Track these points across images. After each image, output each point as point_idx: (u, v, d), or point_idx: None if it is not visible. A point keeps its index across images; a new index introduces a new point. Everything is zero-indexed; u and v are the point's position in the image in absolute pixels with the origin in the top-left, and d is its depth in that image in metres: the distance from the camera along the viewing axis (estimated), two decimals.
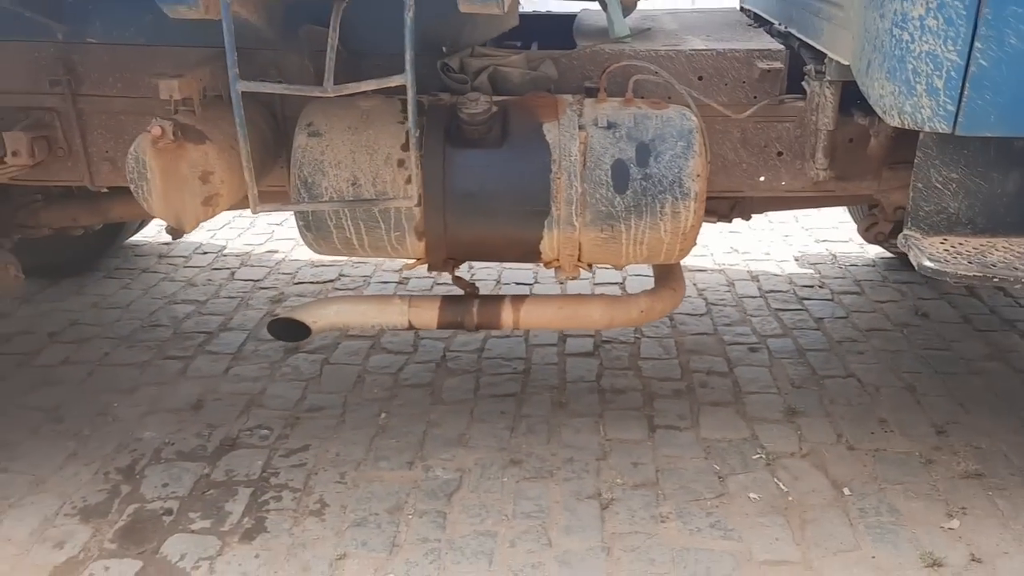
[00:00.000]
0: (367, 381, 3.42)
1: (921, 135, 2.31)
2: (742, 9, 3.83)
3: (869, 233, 3.38)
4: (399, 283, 4.37)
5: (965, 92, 2.14)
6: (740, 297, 4.16)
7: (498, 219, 2.48)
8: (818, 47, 2.66)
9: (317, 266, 4.58)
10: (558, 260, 2.54)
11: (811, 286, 4.29)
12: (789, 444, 2.98)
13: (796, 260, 4.65)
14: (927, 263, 2.25)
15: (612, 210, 2.42)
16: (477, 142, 2.42)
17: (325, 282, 4.39)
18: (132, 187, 2.40)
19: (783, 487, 2.76)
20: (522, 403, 3.26)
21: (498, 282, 4.35)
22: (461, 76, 2.60)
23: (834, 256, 4.69)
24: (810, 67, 2.68)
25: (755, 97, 2.71)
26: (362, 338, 3.75)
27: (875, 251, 4.65)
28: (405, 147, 2.41)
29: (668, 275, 2.86)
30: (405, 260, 2.66)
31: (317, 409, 3.23)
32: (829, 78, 2.57)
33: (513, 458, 2.93)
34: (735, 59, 2.70)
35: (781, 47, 2.74)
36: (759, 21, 3.40)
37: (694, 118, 2.48)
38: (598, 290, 4.18)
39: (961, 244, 2.33)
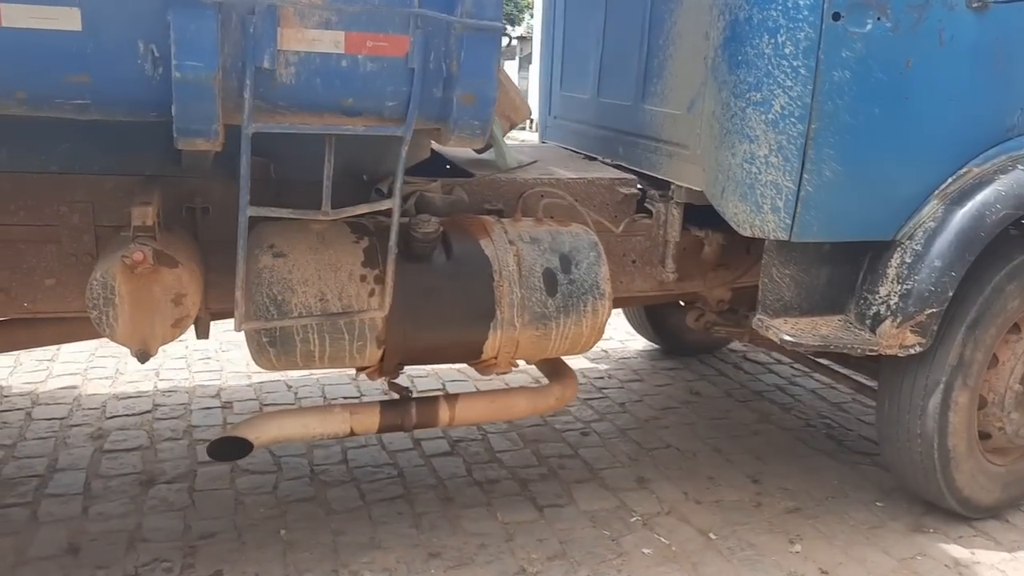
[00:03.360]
0: (248, 503, 3.37)
1: (767, 242, 3.06)
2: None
3: (698, 323, 3.97)
4: (224, 406, 4.29)
5: (798, 210, 2.92)
6: None
7: (449, 325, 2.79)
8: (659, 176, 3.34)
9: (124, 398, 4.33)
10: (495, 358, 2.87)
11: (602, 377, 4.95)
12: (652, 505, 3.50)
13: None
14: (787, 338, 2.97)
15: (546, 311, 2.84)
16: (427, 257, 2.72)
17: (142, 413, 4.17)
18: (94, 313, 2.38)
19: (664, 540, 3.25)
20: (412, 503, 3.43)
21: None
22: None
23: (606, 352, 5.42)
24: (654, 192, 3.35)
25: (616, 217, 3.31)
26: (219, 463, 3.66)
27: (637, 346, 5.47)
28: (365, 264, 2.64)
29: (561, 367, 3.30)
30: (347, 370, 2.81)
31: (210, 535, 3.13)
32: (676, 200, 3.26)
33: (430, 552, 3.10)
34: (602, 186, 3.32)
35: (634, 177, 3.39)
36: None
37: (593, 233, 3.00)
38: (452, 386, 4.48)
39: (796, 323, 3.09)
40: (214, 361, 4.88)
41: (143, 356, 2.47)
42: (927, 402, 3.20)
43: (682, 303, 4.24)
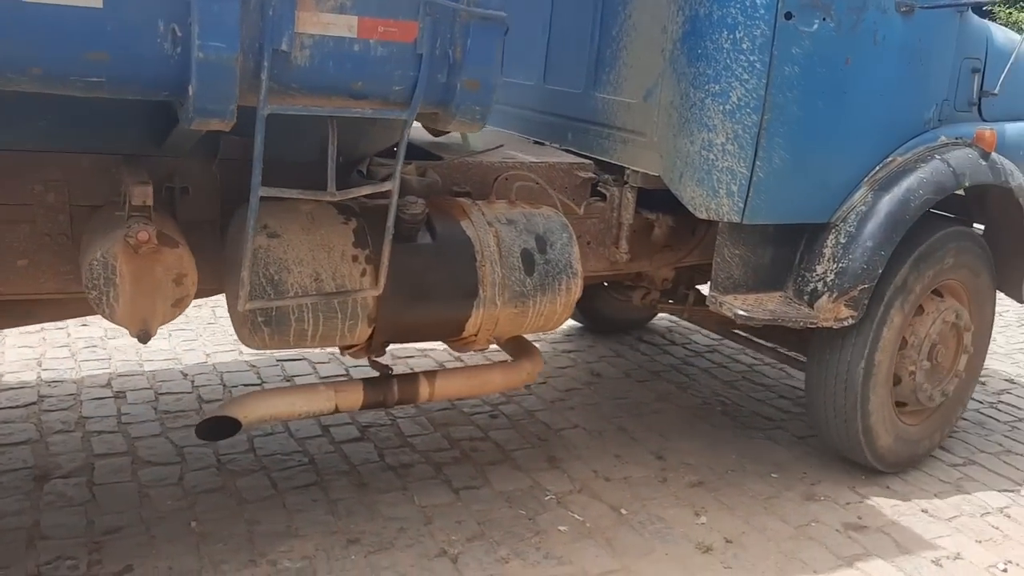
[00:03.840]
0: (153, 495, 3.25)
1: (720, 224, 3.27)
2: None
3: (645, 300, 4.16)
4: (116, 395, 4.10)
5: (750, 194, 3.16)
6: None
7: (436, 303, 2.90)
8: (612, 161, 3.49)
9: (6, 390, 4.07)
10: (475, 335, 3.01)
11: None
12: (565, 484, 3.58)
13: None
14: (741, 312, 3.28)
15: (524, 290, 2.99)
16: (413, 238, 2.80)
17: (27, 405, 3.94)
18: (93, 294, 2.36)
19: (579, 517, 3.34)
20: (327, 489, 3.39)
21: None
22: (371, 181, 2.88)
23: None
24: (607, 177, 3.50)
25: (575, 200, 3.43)
26: (120, 455, 3.51)
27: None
28: (356, 244, 2.70)
29: (524, 344, 3.45)
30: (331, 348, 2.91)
31: (116, 530, 3.00)
32: (631, 184, 3.42)
33: (350, 538, 3.08)
34: (562, 170, 3.45)
35: (591, 162, 3.53)
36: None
37: (563, 215, 3.15)
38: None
39: (745, 299, 3.35)
40: (101, 349, 4.65)
41: (144, 337, 2.43)
42: (852, 370, 3.52)
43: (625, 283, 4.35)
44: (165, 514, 3.13)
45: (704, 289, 3.90)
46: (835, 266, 3.35)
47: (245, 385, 4.29)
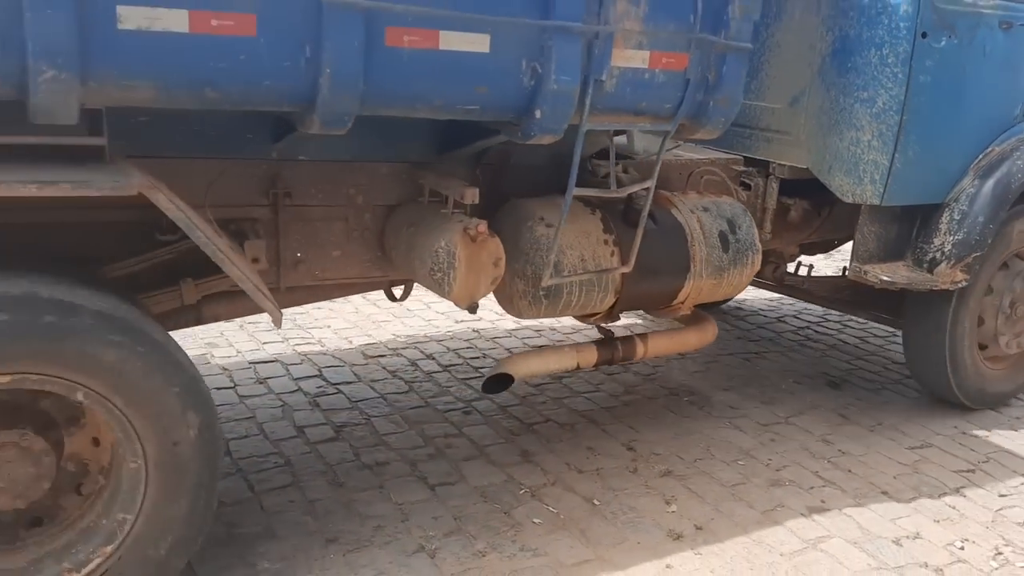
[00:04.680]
0: None
1: (863, 207, 4.06)
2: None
3: (776, 274, 4.87)
4: None
5: (888, 181, 3.92)
6: (429, 373, 4.76)
7: (661, 277, 3.67)
8: (755, 157, 4.24)
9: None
10: (683, 303, 3.80)
11: (477, 357, 5.07)
12: (538, 477, 3.66)
13: (451, 339, 5.42)
14: (885, 278, 4.06)
15: (722, 264, 3.76)
16: (638, 225, 3.40)
17: None
18: (436, 276, 3.04)
19: (553, 509, 3.42)
20: (303, 490, 3.44)
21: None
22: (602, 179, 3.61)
23: (477, 332, 5.55)
24: (751, 169, 4.23)
25: (729, 191, 4.13)
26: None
27: (508, 324, 5.63)
28: (604, 230, 3.48)
29: (698, 313, 4.15)
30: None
31: None
32: (777, 176, 4.19)
33: (327, 537, 3.13)
34: (721, 165, 4.24)
35: (740, 157, 4.30)
36: None
37: (740, 203, 3.99)
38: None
39: (880, 268, 4.13)
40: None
41: (473, 309, 3.31)
42: (944, 323, 4.32)
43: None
44: None
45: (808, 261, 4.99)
46: (951, 238, 4.09)
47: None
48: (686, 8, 2.95)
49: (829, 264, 6.83)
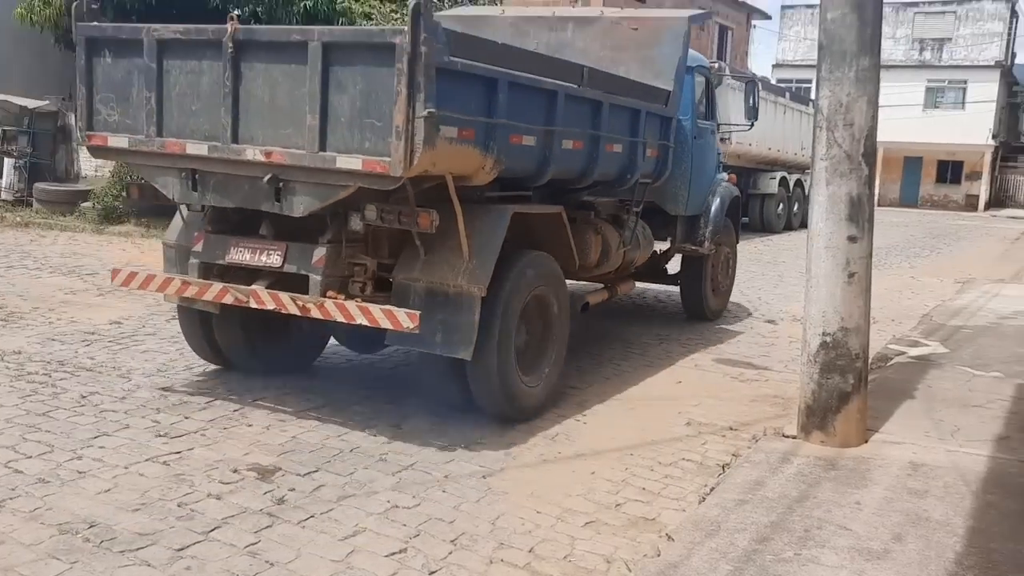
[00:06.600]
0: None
1: (679, 216, 9.06)
2: None
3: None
4: None
5: (687, 202, 8.90)
6: None
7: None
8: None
9: None
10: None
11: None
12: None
13: None
14: (690, 247, 9.21)
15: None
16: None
17: None
18: None
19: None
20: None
21: None
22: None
23: None
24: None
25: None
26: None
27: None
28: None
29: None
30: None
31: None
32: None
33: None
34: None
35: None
36: None
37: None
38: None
39: (685, 247, 9.08)
40: None
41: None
42: (702, 273, 9.27)
43: None
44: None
45: None
46: (707, 229, 9.04)
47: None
48: None
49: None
